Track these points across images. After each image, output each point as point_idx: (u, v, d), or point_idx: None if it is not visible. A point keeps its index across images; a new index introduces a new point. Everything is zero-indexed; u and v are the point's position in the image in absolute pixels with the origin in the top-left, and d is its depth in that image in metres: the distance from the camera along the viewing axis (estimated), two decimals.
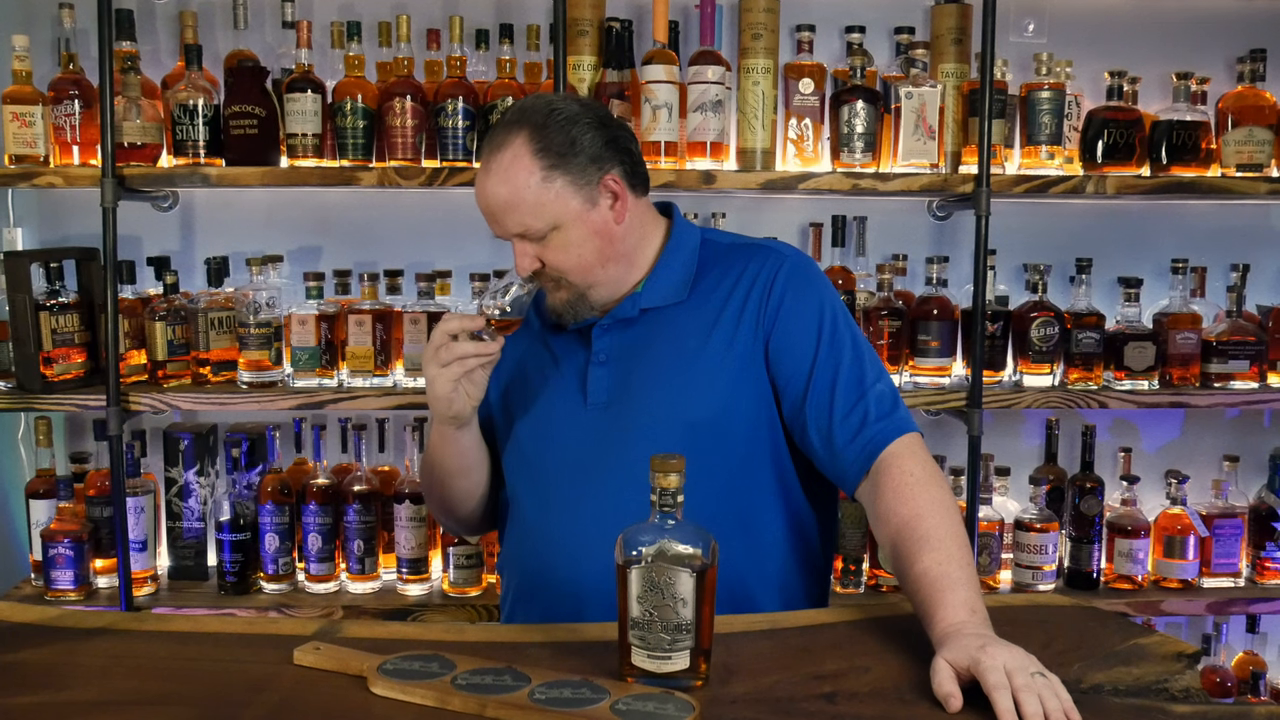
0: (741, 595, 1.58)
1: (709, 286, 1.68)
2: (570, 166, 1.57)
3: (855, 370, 1.60)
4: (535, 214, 1.56)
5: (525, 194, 1.56)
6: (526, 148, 1.56)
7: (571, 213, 1.58)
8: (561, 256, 1.59)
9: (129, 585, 2.36)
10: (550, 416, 1.67)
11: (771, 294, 1.63)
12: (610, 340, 1.67)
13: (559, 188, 1.57)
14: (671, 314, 1.66)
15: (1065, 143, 2.48)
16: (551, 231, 1.57)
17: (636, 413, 1.61)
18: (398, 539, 2.44)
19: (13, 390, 2.35)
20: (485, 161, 1.59)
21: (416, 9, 2.50)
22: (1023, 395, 2.43)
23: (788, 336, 1.62)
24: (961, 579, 1.38)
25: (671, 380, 1.62)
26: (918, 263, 2.57)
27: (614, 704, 1.18)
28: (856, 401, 1.57)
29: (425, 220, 2.62)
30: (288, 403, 2.36)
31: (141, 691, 1.26)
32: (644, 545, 1.25)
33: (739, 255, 1.70)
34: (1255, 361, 2.51)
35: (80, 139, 2.35)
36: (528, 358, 1.74)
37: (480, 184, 1.59)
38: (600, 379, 1.65)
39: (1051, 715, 1.17)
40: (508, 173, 1.56)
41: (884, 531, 1.51)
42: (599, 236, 1.60)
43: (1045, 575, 2.49)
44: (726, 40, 2.53)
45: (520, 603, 1.70)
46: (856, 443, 1.56)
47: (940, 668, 1.25)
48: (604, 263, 1.62)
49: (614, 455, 1.59)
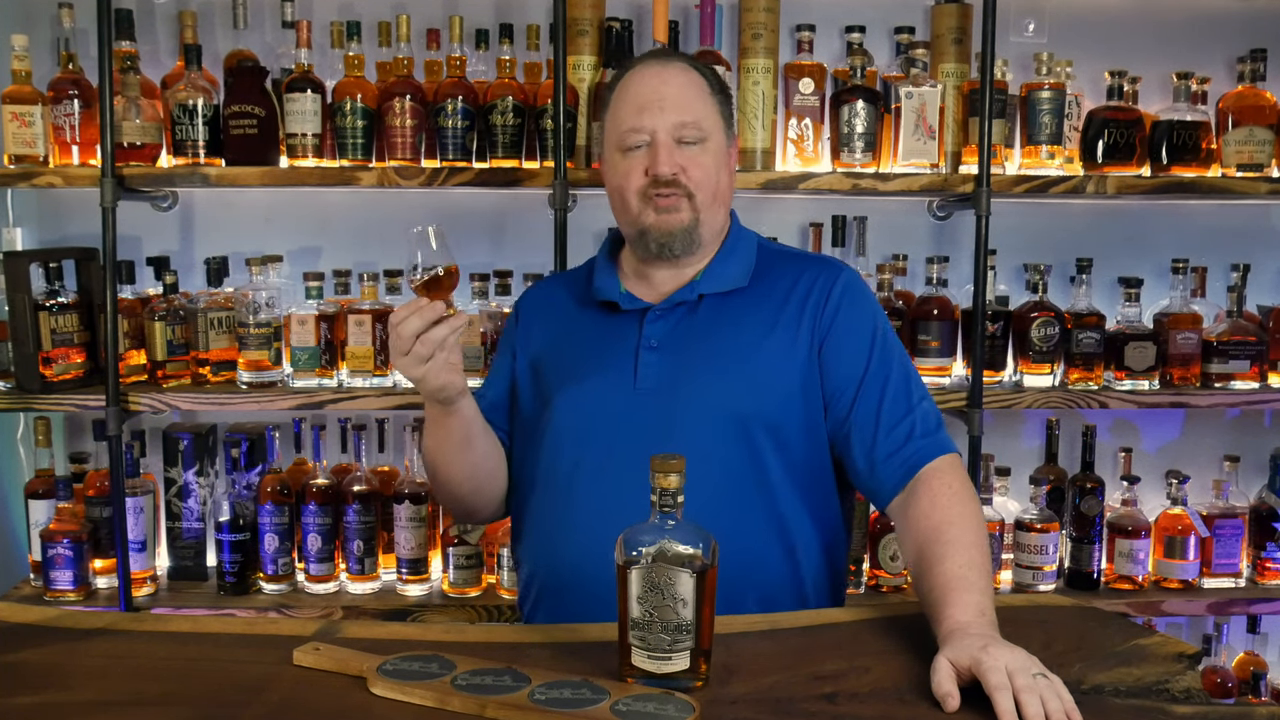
0: (769, 595, 1.59)
1: (768, 285, 1.70)
2: (725, 101, 1.72)
3: (903, 387, 1.63)
4: (703, 112, 1.66)
5: (701, 93, 1.68)
6: (696, 68, 1.71)
7: (719, 136, 1.69)
8: (700, 168, 1.65)
9: (128, 585, 2.36)
10: (596, 397, 1.66)
11: (829, 303, 1.66)
12: (664, 326, 1.67)
13: (718, 108, 1.70)
14: (730, 304, 1.68)
15: (1065, 143, 2.48)
16: (701, 141, 1.66)
17: (688, 400, 1.61)
18: (397, 539, 2.44)
19: (12, 390, 2.35)
20: (656, 64, 1.69)
21: (416, 9, 2.50)
22: (1023, 395, 2.43)
23: (840, 347, 1.65)
24: (977, 585, 1.39)
25: (728, 371, 1.62)
26: (918, 263, 2.57)
27: (614, 704, 1.18)
28: (903, 417, 1.60)
29: (425, 220, 2.60)
30: (287, 403, 2.35)
31: (141, 692, 1.25)
32: (644, 545, 1.25)
33: (796, 262, 1.74)
34: (1256, 361, 2.51)
35: (80, 139, 2.35)
36: (567, 337, 1.74)
37: (652, 75, 1.67)
38: (652, 364, 1.65)
39: (1053, 716, 1.17)
40: (685, 73, 1.69)
41: (911, 535, 1.53)
42: (726, 169, 1.71)
43: (1046, 576, 2.49)
44: (726, 40, 2.53)
45: (549, 594, 1.68)
46: (898, 456, 1.58)
47: (941, 666, 1.25)
48: (720, 198, 1.70)
49: (662, 441, 1.57)
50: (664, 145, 1.63)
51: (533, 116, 2.42)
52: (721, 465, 1.59)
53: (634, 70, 1.70)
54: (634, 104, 1.65)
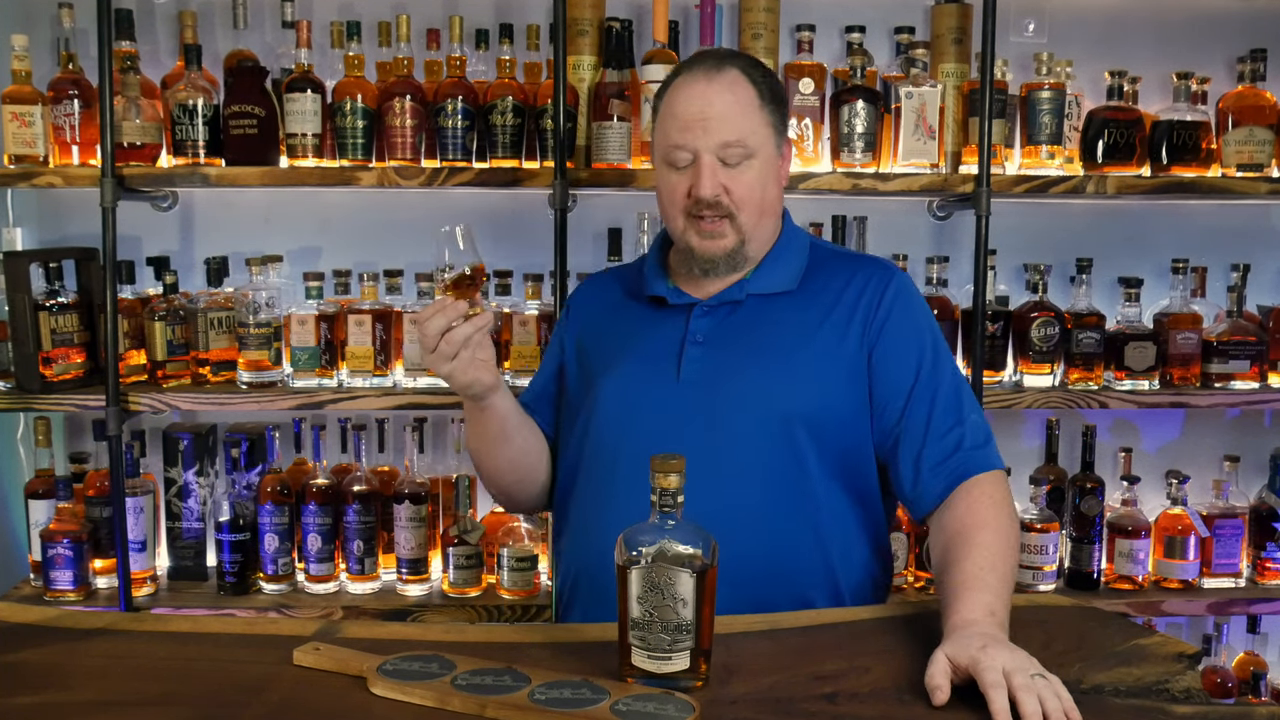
0: (802, 595, 1.58)
1: (818, 286, 1.69)
2: (779, 110, 1.67)
3: (954, 397, 1.62)
4: (748, 130, 1.61)
5: (749, 109, 1.62)
6: (747, 76, 1.64)
7: (768, 149, 1.65)
8: (745, 187, 1.62)
9: (128, 585, 2.36)
10: (640, 391, 1.66)
11: (880, 306, 1.65)
12: (711, 322, 1.67)
13: (768, 120, 1.64)
14: (778, 304, 1.67)
15: (1065, 143, 2.48)
16: (746, 159, 1.62)
17: (731, 396, 1.61)
18: (397, 539, 2.44)
19: (12, 390, 2.35)
20: (703, 77, 1.62)
21: (416, 9, 2.49)
22: (1023, 395, 2.43)
23: (890, 354, 1.63)
24: (993, 587, 1.39)
25: (772, 369, 1.62)
26: (918, 263, 2.57)
27: (614, 704, 1.18)
28: (952, 427, 1.60)
29: (425, 220, 2.61)
30: (287, 403, 2.35)
31: (141, 692, 1.25)
32: (644, 545, 1.25)
33: (848, 264, 1.73)
34: (1256, 361, 2.51)
35: (80, 139, 2.35)
36: (613, 330, 1.74)
37: (698, 90, 1.62)
38: (696, 358, 1.64)
39: (1051, 715, 1.16)
40: (734, 87, 1.62)
41: (941, 536, 1.53)
42: (775, 183, 1.67)
43: (1046, 575, 2.49)
44: (726, 40, 2.53)
45: (587, 590, 1.67)
46: (944, 467, 1.57)
47: (937, 660, 1.26)
48: (767, 210, 1.67)
49: (703, 436, 1.58)
50: (707, 167, 1.60)
51: (533, 116, 2.42)
52: (761, 462, 1.59)
53: (682, 78, 1.65)
54: (679, 120, 1.62)
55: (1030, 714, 1.16)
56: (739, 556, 1.52)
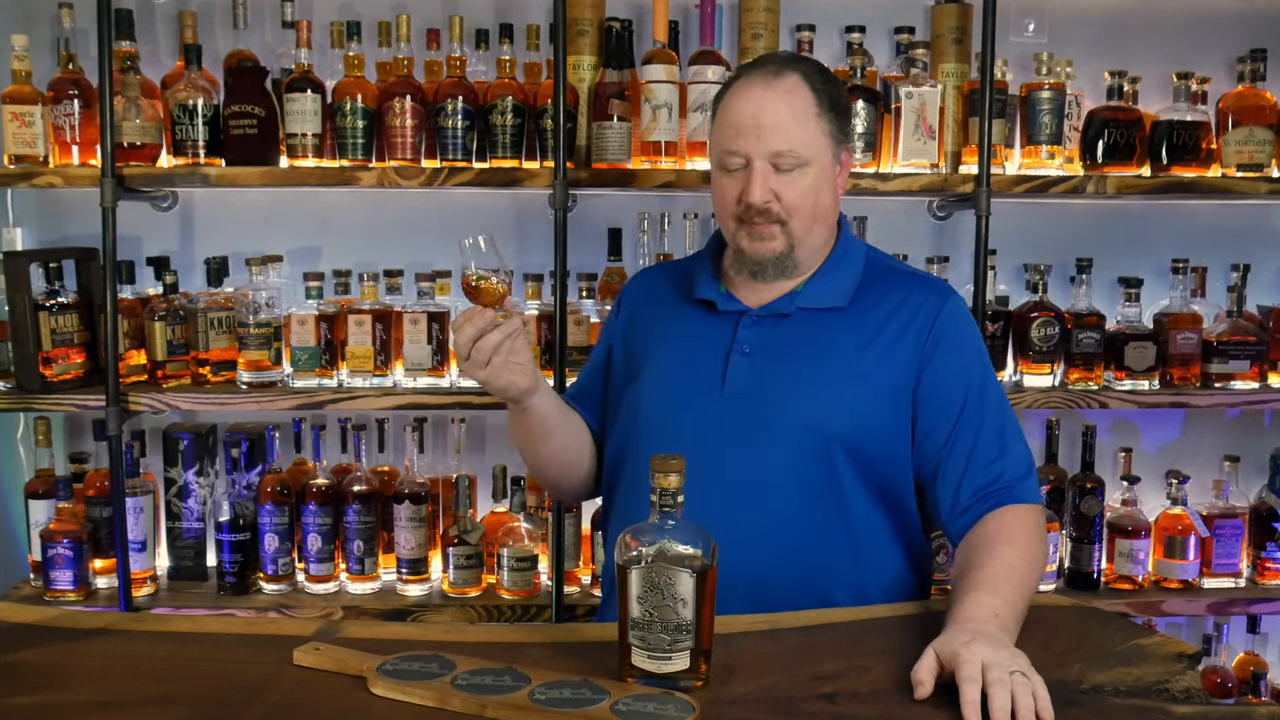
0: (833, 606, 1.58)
1: (870, 303, 1.68)
2: (838, 119, 1.65)
3: (998, 427, 1.62)
4: (802, 140, 1.60)
5: (805, 118, 1.60)
6: (808, 83, 1.62)
7: (824, 157, 1.63)
8: (797, 194, 1.61)
9: (128, 585, 2.36)
10: (683, 395, 1.66)
11: (933, 330, 1.64)
12: (758, 332, 1.67)
13: (826, 129, 1.63)
14: (828, 319, 1.66)
15: (1065, 143, 2.48)
16: (799, 167, 1.60)
17: (775, 410, 1.61)
18: (397, 539, 2.44)
19: (12, 390, 2.35)
20: (762, 81, 1.61)
21: (416, 9, 2.49)
22: (1023, 395, 2.43)
23: (939, 380, 1.63)
24: (1002, 592, 1.39)
25: (817, 386, 1.62)
26: (918, 263, 2.56)
27: (614, 704, 1.18)
28: (995, 459, 1.59)
29: (425, 220, 2.62)
30: (287, 403, 2.35)
31: (141, 692, 1.25)
32: (644, 545, 1.25)
33: (903, 281, 1.72)
34: (1255, 361, 2.51)
35: (80, 139, 2.35)
36: (662, 330, 1.75)
37: (754, 96, 1.60)
38: (742, 368, 1.64)
39: (1020, 711, 1.16)
40: (791, 94, 1.60)
41: (966, 550, 1.53)
42: (829, 190, 1.66)
43: (1046, 575, 2.49)
44: (726, 40, 2.53)
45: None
46: (984, 494, 1.57)
47: (925, 655, 1.26)
48: (820, 218, 1.65)
49: (745, 447, 1.58)
50: (758, 173, 1.60)
51: (533, 116, 2.41)
52: (798, 479, 1.59)
53: (740, 81, 1.64)
54: (734, 125, 1.62)
55: (998, 708, 1.16)
56: (771, 570, 1.54)
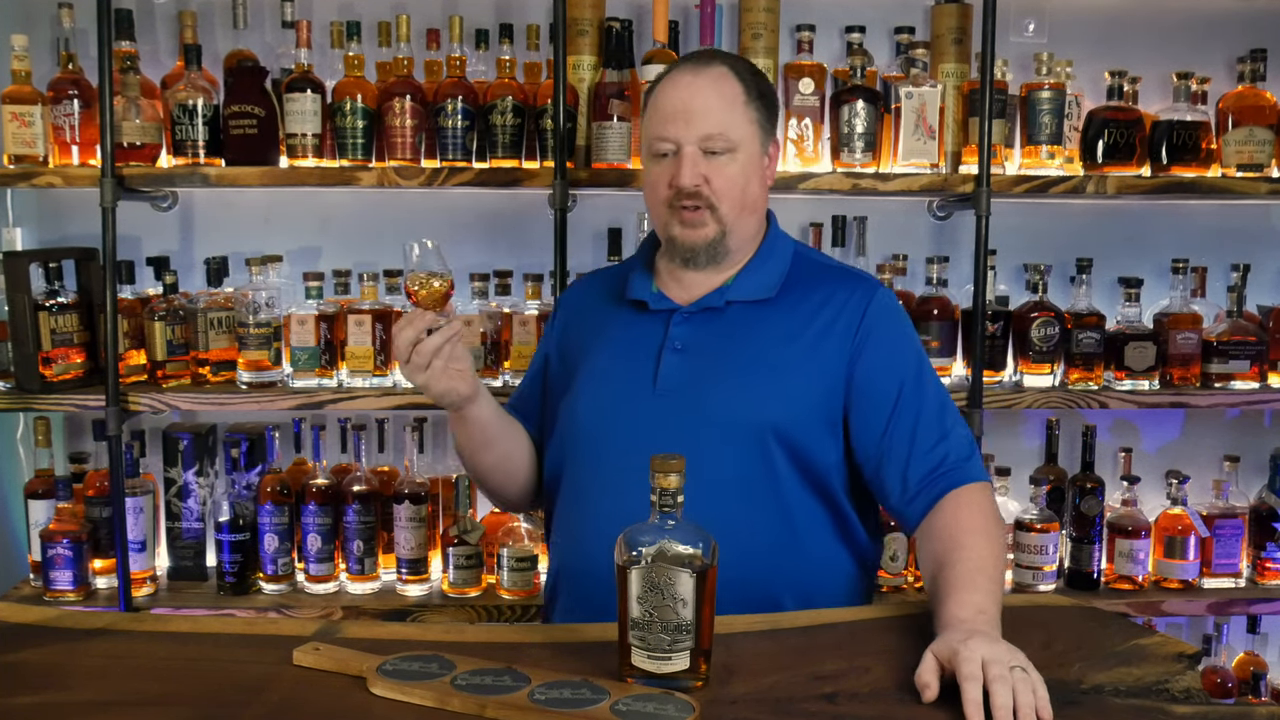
0: (773, 606, 1.58)
1: (798, 297, 1.69)
2: (766, 109, 1.69)
3: (938, 412, 1.63)
4: (730, 124, 1.63)
5: (734, 104, 1.64)
6: (735, 73, 1.67)
7: (752, 145, 1.66)
8: (726, 180, 1.64)
9: (128, 586, 2.36)
10: (616, 396, 1.67)
11: (863, 323, 1.65)
12: (690, 329, 1.68)
13: (754, 118, 1.66)
14: (758, 313, 1.68)
15: (1065, 143, 2.48)
16: (728, 152, 1.63)
17: (707, 406, 1.61)
18: (397, 539, 2.44)
19: (12, 390, 2.35)
20: (690, 70, 1.66)
21: (416, 9, 2.49)
22: (1023, 395, 2.43)
23: (872, 370, 1.64)
24: (983, 587, 1.41)
25: (749, 379, 1.62)
26: (918, 263, 2.57)
27: (614, 704, 1.18)
28: (938, 442, 1.61)
29: (425, 220, 2.62)
30: (287, 403, 2.35)
31: (141, 692, 1.25)
32: (644, 545, 1.25)
33: (831, 276, 1.73)
34: (1255, 361, 2.51)
35: (79, 139, 2.35)
36: (596, 333, 1.75)
37: (683, 83, 1.64)
38: (674, 366, 1.65)
39: (1022, 709, 1.16)
40: (719, 81, 1.65)
41: (930, 543, 1.54)
42: (758, 180, 1.69)
43: (1046, 576, 2.49)
44: (726, 40, 2.53)
45: (566, 591, 1.69)
46: (931, 480, 1.58)
47: (925, 658, 1.27)
48: (749, 207, 1.68)
49: (677, 444, 1.56)
50: (688, 157, 1.62)
51: (533, 116, 2.41)
52: (734, 473, 1.60)
53: (669, 75, 1.69)
54: (664, 112, 1.65)
55: (1000, 706, 1.17)
56: None
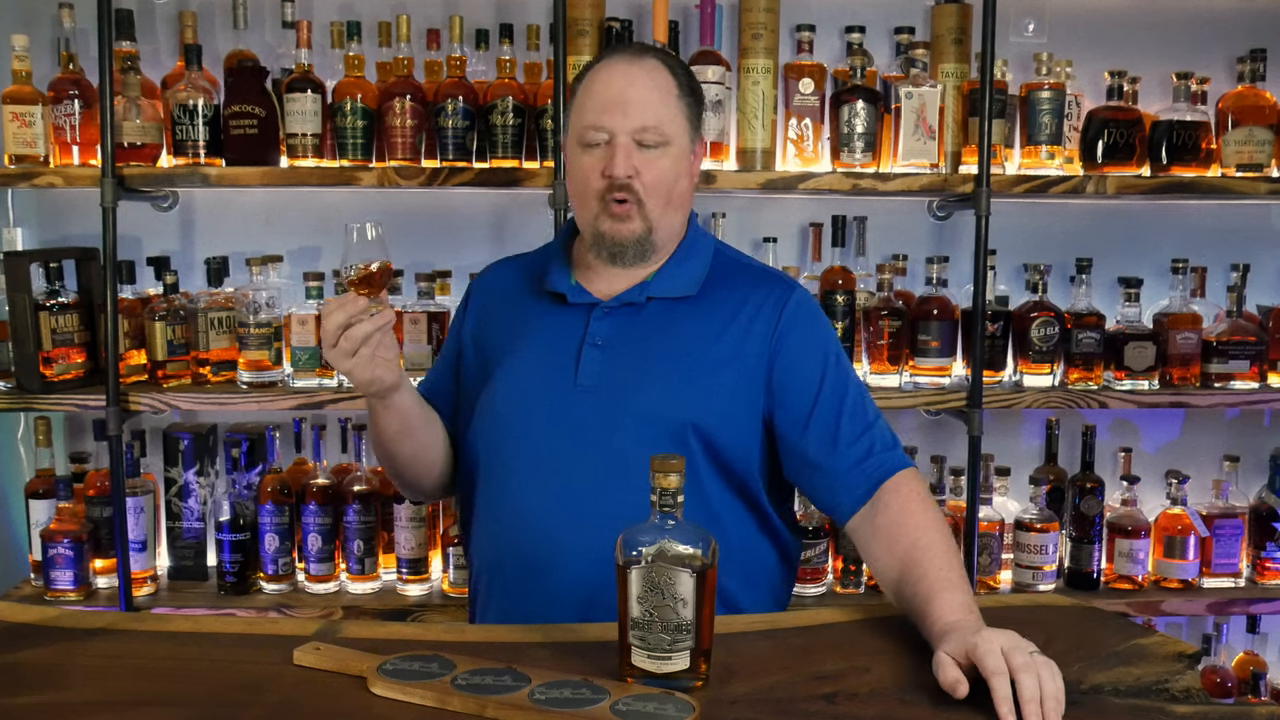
0: None
1: (719, 295, 1.69)
2: (695, 105, 1.69)
3: (859, 405, 1.64)
4: (666, 117, 1.63)
5: (667, 97, 1.64)
6: (668, 66, 1.67)
7: (684, 140, 1.67)
8: (657, 174, 1.63)
9: (129, 585, 2.36)
10: (535, 391, 1.65)
11: (780, 321, 1.66)
12: (611, 324, 1.66)
13: (684, 112, 1.67)
14: (679, 310, 1.67)
15: (1065, 143, 2.48)
16: (661, 145, 1.63)
17: (629, 402, 1.61)
18: (397, 539, 2.44)
19: (12, 390, 2.35)
20: (626, 61, 1.65)
21: (416, 9, 2.50)
22: (1023, 395, 2.43)
23: (793, 366, 1.64)
24: (960, 585, 1.41)
25: (671, 376, 1.62)
26: (918, 263, 2.57)
27: (614, 704, 1.18)
28: (862, 433, 1.61)
29: (425, 220, 2.62)
30: (288, 403, 2.35)
31: (141, 691, 1.25)
32: (644, 545, 1.25)
33: (750, 276, 1.73)
34: (1255, 361, 2.51)
35: (80, 139, 2.35)
36: (513, 324, 1.73)
37: (619, 72, 1.64)
38: (594, 361, 1.64)
39: (1048, 699, 1.17)
40: (655, 73, 1.65)
41: (886, 545, 1.53)
42: (686, 175, 1.69)
43: (1045, 575, 2.49)
44: (726, 40, 2.53)
45: (494, 590, 1.67)
46: (860, 470, 1.59)
47: (942, 659, 1.26)
48: (676, 203, 1.67)
49: (601, 442, 1.58)
50: (621, 147, 1.61)
51: (533, 116, 2.42)
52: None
53: (602, 64, 1.67)
54: (598, 101, 1.63)
55: (1029, 695, 1.17)
56: None
